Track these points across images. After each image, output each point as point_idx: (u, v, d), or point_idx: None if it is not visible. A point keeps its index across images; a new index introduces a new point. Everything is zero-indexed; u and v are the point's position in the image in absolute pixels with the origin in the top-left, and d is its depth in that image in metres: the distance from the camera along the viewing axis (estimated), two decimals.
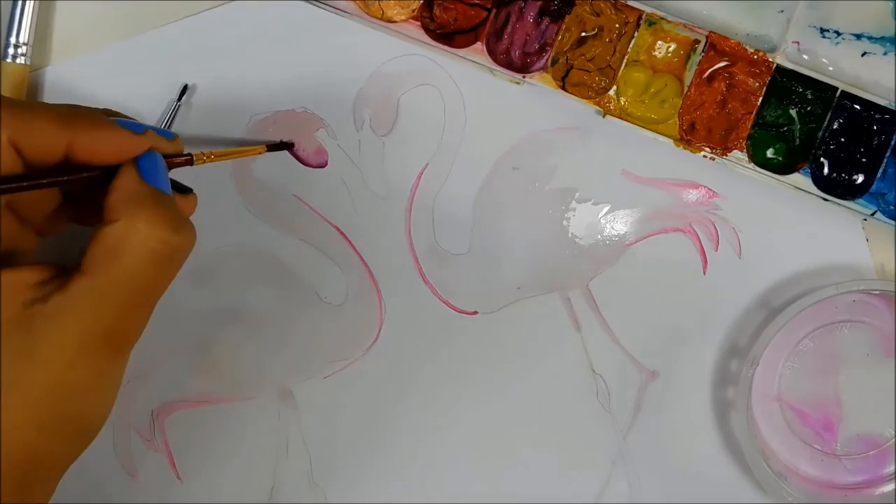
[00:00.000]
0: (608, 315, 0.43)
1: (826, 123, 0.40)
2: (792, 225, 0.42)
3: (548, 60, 0.40)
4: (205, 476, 0.43)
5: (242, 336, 0.42)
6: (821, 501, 0.42)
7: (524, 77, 0.40)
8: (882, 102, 0.39)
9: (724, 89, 0.40)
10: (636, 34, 0.40)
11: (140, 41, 0.40)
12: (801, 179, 0.40)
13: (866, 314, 0.42)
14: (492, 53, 0.40)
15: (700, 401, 0.43)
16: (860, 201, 0.40)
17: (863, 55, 0.40)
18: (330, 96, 0.41)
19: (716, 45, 0.39)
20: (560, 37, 0.40)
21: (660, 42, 0.40)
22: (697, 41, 0.40)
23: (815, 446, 0.43)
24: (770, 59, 0.39)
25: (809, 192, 0.40)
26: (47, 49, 0.40)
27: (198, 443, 0.43)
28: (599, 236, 0.42)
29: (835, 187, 0.40)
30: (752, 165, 0.40)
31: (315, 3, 0.40)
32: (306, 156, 0.41)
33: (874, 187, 0.40)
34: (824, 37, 0.40)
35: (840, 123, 0.40)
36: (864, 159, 0.40)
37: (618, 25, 0.40)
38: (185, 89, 0.40)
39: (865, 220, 0.41)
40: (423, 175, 0.42)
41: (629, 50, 0.40)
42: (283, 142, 0.41)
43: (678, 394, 0.43)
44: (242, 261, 0.42)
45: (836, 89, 0.39)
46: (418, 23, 0.40)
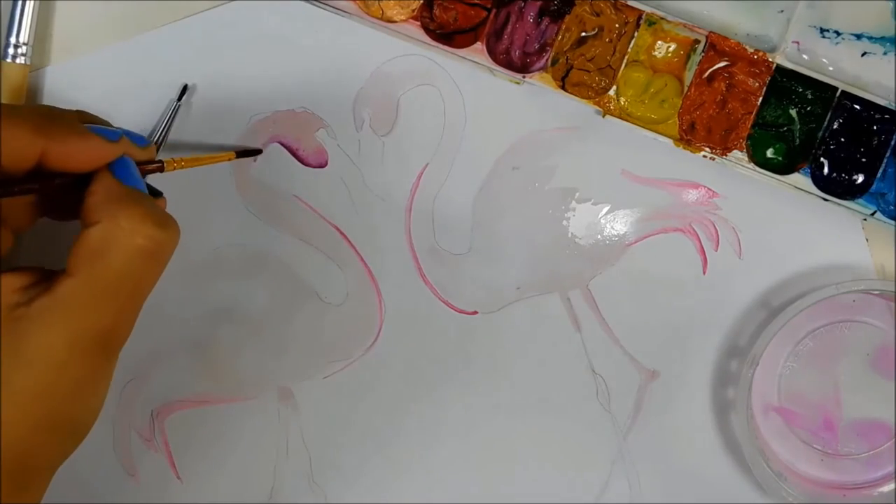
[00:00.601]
0: (608, 315, 0.43)
1: (826, 123, 0.40)
2: (792, 225, 0.42)
3: (548, 60, 0.40)
4: (205, 476, 0.43)
5: (242, 336, 0.42)
6: (821, 501, 0.42)
7: (524, 77, 0.40)
8: (882, 102, 0.39)
9: (724, 89, 0.40)
10: (636, 34, 0.40)
11: (140, 41, 0.40)
12: (801, 179, 0.40)
13: (866, 314, 0.42)
14: (492, 53, 0.40)
15: (700, 401, 0.43)
16: (860, 201, 0.40)
17: (863, 55, 0.40)
18: (330, 96, 0.41)
19: (716, 45, 0.39)
20: (560, 37, 0.40)
21: (660, 42, 0.40)
22: (697, 41, 0.40)
23: (815, 446, 0.43)
24: (770, 59, 0.39)
25: (809, 192, 0.40)
26: (47, 49, 0.40)
27: (198, 443, 0.43)
28: (599, 236, 0.42)
29: (835, 187, 0.40)
30: (751, 165, 0.40)
31: (315, 3, 0.40)
32: (306, 156, 0.41)
33: (874, 187, 0.40)
34: (824, 37, 0.40)
35: (840, 123, 0.40)
36: (863, 159, 0.40)
37: (618, 25, 0.40)
38: (184, 89, 0.40)
39: (865, 220, 0.41)
40: (423, 175, 0.42)
41: (629, 50, 0.40)
42: (252, 148, 0.41)
43: (678, 394, 0.43)
44: (242, 261, 0.42)
45: (836, 89, 0.39)
46: (418, 23, 0.40)
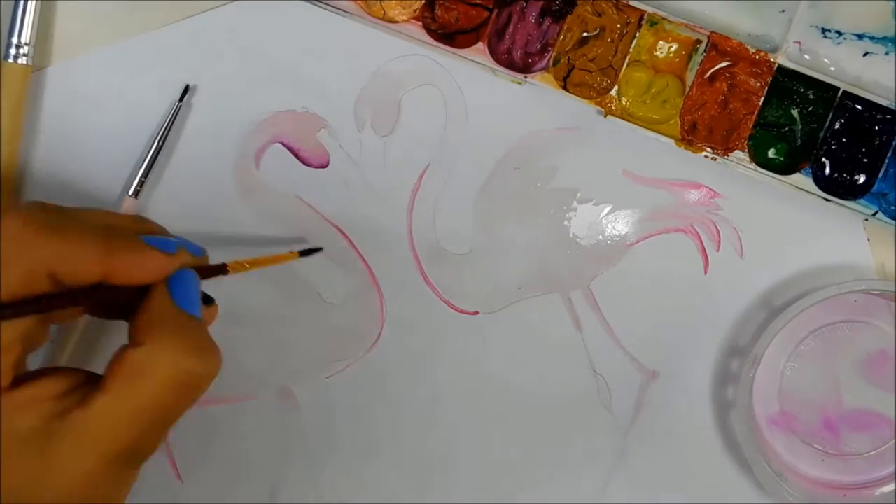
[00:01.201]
0: (609, 315, 0.43)
1: (827, 124, 0.40)
2: (793, 225, 0.42)
3: (549, 61, 0.40)
4: (205, 476, 0.43)
5: (243, 336, 0.42)
6: (821, 501, 0.42)
7: (526, 77, 0.40)
8: (883, 102, 0.39)
9: (726, 89, 0.40)
10: (638, 34, 0.40)
11: (141, 41, 0.40)
12: (802, 180, 0.40)
13: (867, 314, 0.42)
14: (493, 54, 0.40)
15: (700, 401, 0.43)
16: (861, 201, 0.40)
17: (864, 55, 0.40)
18: (331, 96, 0.41)
19: (717, 45, 0.39)
20: (562, 37, 0.40)
21: (661, 42, 0.40)
22: (699, 41, 0.40)
23: (815, 446, 0.43)
24: (772, 59, 0.39)
25: (811, 193, 0.40)
26: (49, 49, 0.40)
27: (198, 443, 0.43)
28: (601, 236, 0.42)
29: (836, 187, 0.40)
30: (753, 165, 0.40)
31: (316, 3, 0.39)
32: (307, 156, 0.41)
33: (875, 187, 0.40)
34: (826, 37, 0.40)
35: (841, 123, 0.40)
36: (865, 159, 0.40)
37: (619, 25, 0.40)
38: (186, 90, 0.40)
39: (867, 220, 0.41)
40: (425, 175, 0.42)
41: (631, 50, 0.40)
42: (313, 248, 0.40)
43: (679, 394, 0.43)
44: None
45: (838, 89, 0.39)
46: (420, 23, 0.40)
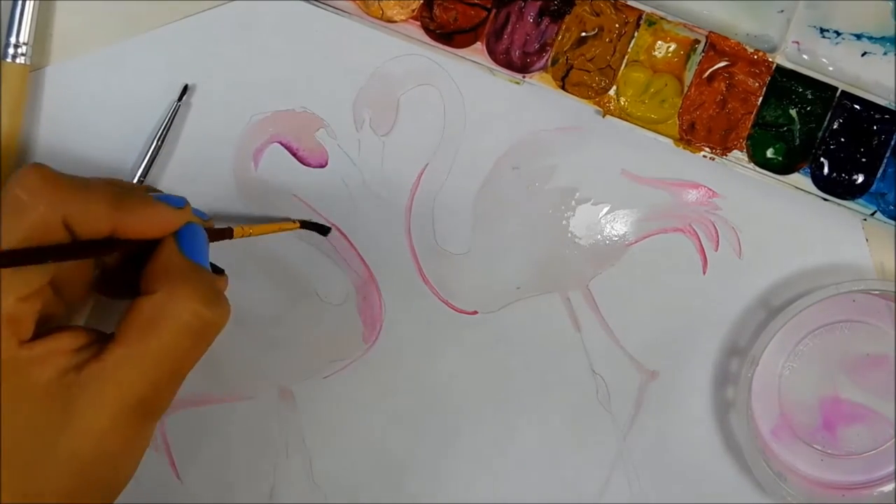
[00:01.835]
0: (608, 315, 0.43)
1: (826, 123, 0.40)
2: (792, 225, 0.42)
3: (548, 60, 0.40)
4: (205, 476, 0.43)
5: (242, 335, 0.42)
6: (821, 501, 0.42)
7: (524, 77, 0.40)
8: (882, 102, 0.39)
9: (724, 89, 0.40)
10: (636, 34, 0.40)
11: (140, 41, 0.40)
12: (800, 179, 0.40)
13: (866, 314, 0.42)
14: (492, 53, 0.40)
15: (700, 401, 0.43)
16: (860, 201, 0.40)
17: (863, 55, 0.40)
18: (330, 96, 0.41)
19: (716, 44, 0.39)
20: (560, 37, 0.40)
21: (660, 42, 0.40)
22: (697, 41, 0.40)
23: (815, 446, 0.43)
24: (770, 59, 0.39)
25: (809, 192, 0.40)
26: (47, 49, 0.40)
27: (198, 443, 0.43)
28: (599, 236, 0.42)
29: (835, 187, 0.40)
30: (751, 165, 0.40)
31: (315, 3, 0.40)
32: (306, 156, 0.41)
33: (874, 187, 0.40)
34: (824, 37, 0.40)
35: (840, 123, 0.40)
36: (863, 159, 0.40)
37: (618, 25, 0.40)
38: (185, 89, 0.40)
39: (865, 220, 0.41)
40: (423, 175, 0.42)
41: (629, 50, 0.40)
42: (320, 224, 0.41)
43: (678, 394, 0.43)
44: (242, 260, 0.42)
45: (836, 89, 0.39)
46: (418, 23, 0.40)
